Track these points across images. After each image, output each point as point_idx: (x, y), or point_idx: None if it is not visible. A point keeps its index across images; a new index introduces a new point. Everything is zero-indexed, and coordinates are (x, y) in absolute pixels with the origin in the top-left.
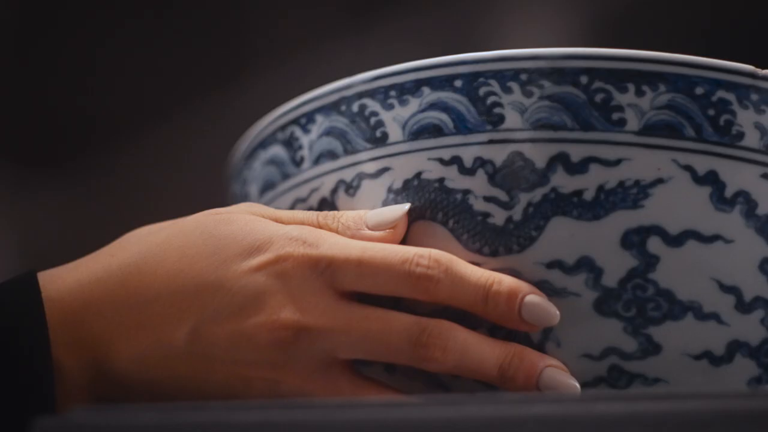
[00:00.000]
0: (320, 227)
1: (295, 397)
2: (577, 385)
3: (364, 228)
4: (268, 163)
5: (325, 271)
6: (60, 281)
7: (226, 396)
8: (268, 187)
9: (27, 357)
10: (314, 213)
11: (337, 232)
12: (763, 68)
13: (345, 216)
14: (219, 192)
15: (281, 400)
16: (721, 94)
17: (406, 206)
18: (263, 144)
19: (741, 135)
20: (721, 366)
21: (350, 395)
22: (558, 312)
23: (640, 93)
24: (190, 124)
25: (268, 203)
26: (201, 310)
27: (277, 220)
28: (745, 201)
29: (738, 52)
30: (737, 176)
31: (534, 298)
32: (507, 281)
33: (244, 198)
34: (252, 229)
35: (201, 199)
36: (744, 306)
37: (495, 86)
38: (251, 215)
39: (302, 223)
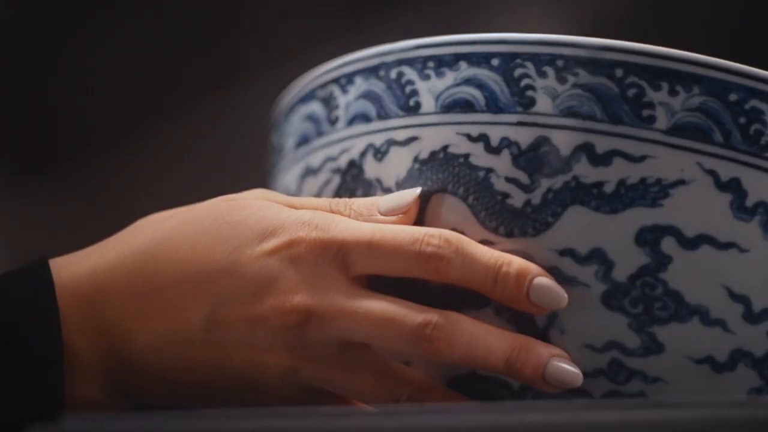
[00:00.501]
0: (332, 213)
1: (315, 384)
2: (581, 374)
3: (376, 214)
4: (306, 118)
5: (336, 255)
6: (73, 268)
7: (243, 385)
8: (302, 142)
9: (38, 344)
10: (326, 199)
11: (349, 217)
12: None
13: (357, 202)
14: (219, 191)
15: (273, 409)
16: (754, 103)
17: (417, 190)
18: (304, 99)
19: None
20: (722, 373)
21: (371, 379)
22: (566, 295)
23: (673, 92)
24: (189, 124)
25: (300, 158)
26: (215, 296)
27: (289, 206)
28: (766, 212)
29: (738, 53)
30: (761, 186)
31: (543, 280)
32: (516, 262)
33: (279, 150)
34: (264, 215)
35: (201, 199)
36: (752, 316)
37: (530, 69)
38: (264, 201)
39: (315, 209)
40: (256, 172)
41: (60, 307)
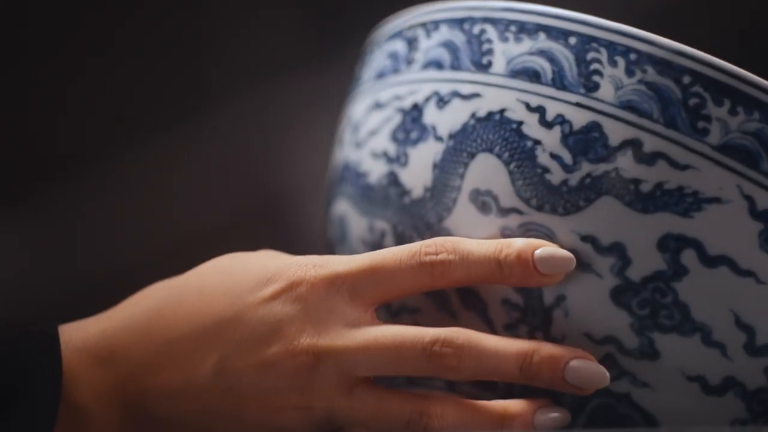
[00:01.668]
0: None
1: (332, 423)
2: (607, 373)
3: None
4: (388, 55)
5: (341, 288)
6: (84, 332)
7: (262, 430)
8: (379, 76)
9: (33, 407)
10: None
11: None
12: None
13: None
14: (187, 218)
15: None
16: None
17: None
18: (393, 36)
19: None
20: (711, 396)
21: (379, 410)
22: (572, 256)
23: (733, 112)
24: (158, 153)
25: (372, 91)
26: (223, 346)
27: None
28: None
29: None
30: None
31: (544, 250)
32: (514, 243)
33: (357, 80)
34: (264, 263)
35: (163, 231)
36: (753, 348)
37: (603, 55)
38: (269, 251)
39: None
40: (225, 199)
41: (73, 369)
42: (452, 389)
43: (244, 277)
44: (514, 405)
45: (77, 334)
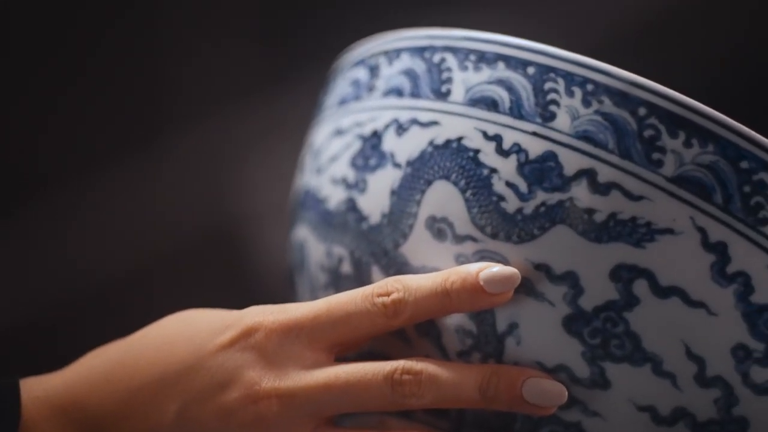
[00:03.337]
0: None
1: None
2: (564, 389)
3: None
4: (351, 82)
5: (300, 333)
6: (46, 383)
7: None
8: (341, 102)
9: None
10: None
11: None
12: None
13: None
14: (142, 251)
15: None
16: (763, 175)
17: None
18: (356, 64)
19: (766, 221)
20: (660, 426)
21: None
22: (516, 270)
23: (688, 144)
24: (111, 184)
25: (334, 118)
26: (184, 393)
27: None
28: (743, 284)
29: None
30: (745, 258)
31: (488, 270)
32: (459, 271)
33: (320, 106)
34: (224, 313)
35: (122, 257)
36: (703, 380)
37: (560, 85)
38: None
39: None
40: (185, 226)
41: (33, 419)
42: (407, 417)
43: (204, 326)
44: None
45: (39, 386)
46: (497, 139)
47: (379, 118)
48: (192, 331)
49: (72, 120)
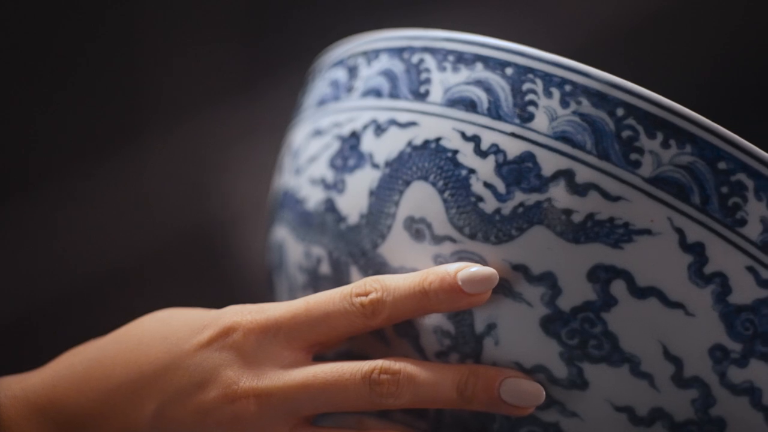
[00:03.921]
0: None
1: None
2: (542, 388)
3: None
4: (329, 83)
5: (277, 333)
6: (24, 382)
7: None
8: (320, 103)
9: None
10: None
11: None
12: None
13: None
14: (121, 251)
15: None
16: (741, 176)
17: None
18: (335, 64)
19: (743, 222)
20: (638, 427)
21: None
22: (494, 270)
23: (665, 145)
24: (91, 184)
25: (313, 119)
26: (161, 393)
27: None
28: (721, 284)
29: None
30: (723, 258)
31: (466, 270)
32: (437, 270)
33: (299, 107)
34: (201, 312)
35: (102, 257)
36: (680, 380)
37: (539, 86)
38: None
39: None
40: (164, 225)
41: (10, 417)
42: (385, 418)
43: (182, 325)
44: None
45: (17, 384)
46: (475, 139)
47: (357, 119)
48: (170, 330)
49: (52, 121)
